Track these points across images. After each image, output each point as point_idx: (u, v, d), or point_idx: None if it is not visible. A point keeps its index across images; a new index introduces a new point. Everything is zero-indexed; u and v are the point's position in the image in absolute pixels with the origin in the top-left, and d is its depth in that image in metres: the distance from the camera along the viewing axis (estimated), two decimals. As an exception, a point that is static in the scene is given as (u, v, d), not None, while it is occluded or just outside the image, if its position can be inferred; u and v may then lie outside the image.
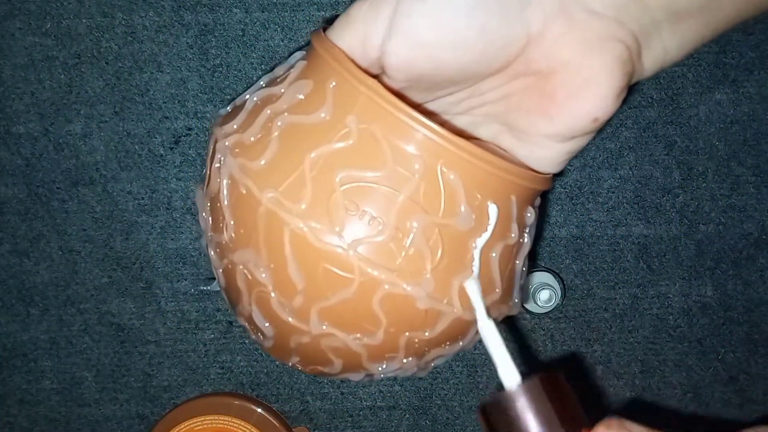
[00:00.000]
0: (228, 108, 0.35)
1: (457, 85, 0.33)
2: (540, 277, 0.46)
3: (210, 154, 0.34)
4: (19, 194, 0.47)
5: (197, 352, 0.49)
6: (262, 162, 0.31)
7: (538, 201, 0.36)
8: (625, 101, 0.44)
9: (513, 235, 0.32)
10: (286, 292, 0.31)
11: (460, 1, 0.30)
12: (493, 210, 0.31)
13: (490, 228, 0.31)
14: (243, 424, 0.47)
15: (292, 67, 0.33)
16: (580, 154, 0.47)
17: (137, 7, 0.46)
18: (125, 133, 0.47)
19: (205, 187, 0.34)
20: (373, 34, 0.31)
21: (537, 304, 0.45)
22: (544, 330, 0.49)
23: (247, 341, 0.49)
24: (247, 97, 0.33)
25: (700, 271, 0.49)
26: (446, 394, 0.50)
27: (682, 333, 0.49)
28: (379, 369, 0.33)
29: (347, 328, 0.31)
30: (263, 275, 0.31)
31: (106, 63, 0.46)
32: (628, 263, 0.49)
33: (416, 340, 0.32)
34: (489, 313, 0.31)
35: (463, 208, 0.30)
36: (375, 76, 0.31)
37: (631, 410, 0.41)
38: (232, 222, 0.32)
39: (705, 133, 0.48)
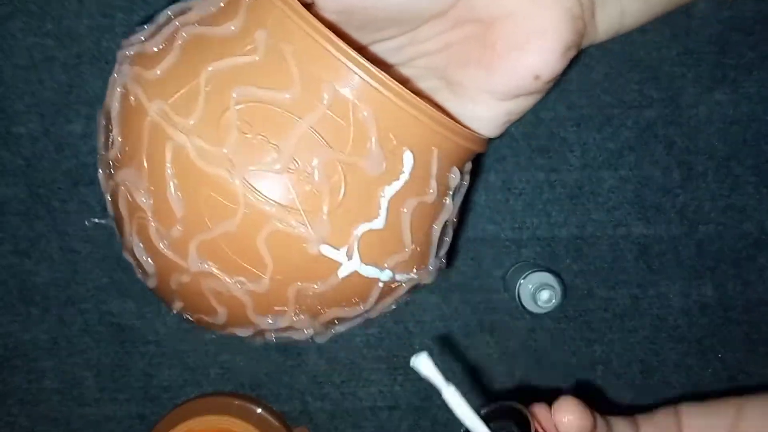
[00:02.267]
0: (145, 26, 0.32)
1: (395, 25, 0.31)
2: (540, 277, 0.46)
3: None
4: (20, 194, 0.47)
5: (197, 352, 0.49)
6: (158, 72, 0.28)
7: (468, 166, 0.33)
8: (624, 105, 0.44)
9: (431, 192, 0.29)
10: (165, 220, 0.28)
11: None
12: (408, 157, 0.28)
13: (403, 177, 0.28)
14: (243, 424, 0.47)
15: None
16: (580, 154, 0.47)
17: (137, 7, 0.46)
18: (125, 133, 0.47)
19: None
20: None
21: (537, 304, 0.45)
22: (544, 330, 0.49)
23: (247, 341, 0.49)
24: (163, 11, 0.31)
25: (700, 271, 0.49)
26: (446, 394, 0.50)
27: (682, 333, 0.49)
28: (268, 323, 0.30)
29: (229, 268, 0.28)
30: (143, 199, 0.28)
31: (106, 63, 0.46)
32: (628, 263, 0.49)
33: (308, 293, 0.29)
34: (395, 276, 0.29)
35: (373, 150, 0.27)
36: (307, 6, 0.29)
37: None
38: (119, 138, 0.29)
39: (705, 133, 0.48)
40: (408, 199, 0.29)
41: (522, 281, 0.46)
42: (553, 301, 0.45)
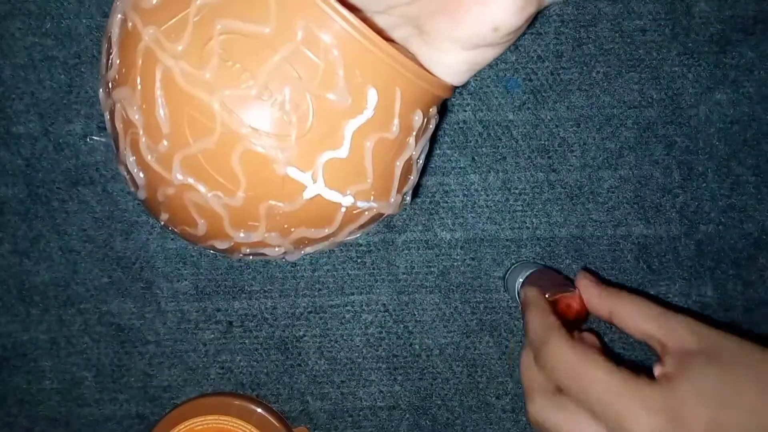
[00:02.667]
0: None
1: None
2: (540, 277, 0.46)
3: None
4: (20, 194, 0.47)
5: (197, 352, 0.49)
6: (154, 1, 0.31)
7: (433, 110, 0.36)
8: (624, 105, 0.44)
9: (394, 129, 0.32)
10: (153, 135, 0.31)
11: None
12: (372, 94, 0.31)
13: (367, 113, 0.31)
14: (243, 424, 0.47)
15: None
16: (580, 154, 0.47)
17: (137, 7, 0.46)
18: (125, 133, 0.47)
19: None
20: None
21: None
22: (544, 330, 0.49)
23: (247, 341, 0.49)
24: None
25: (700, 271, 0.49)
26: (446, 394, 0.50)
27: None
28: (241, 236, 0.33)
29: (208, 182, 0.31)
30: (136, 116, 0.31)
31: (106, 63, 0.46)
32: (628, 263, 0.49)
33: (277, 212, 0.32)
34: (356, 202, 0.32)
35: (340, 84, 0.30)
36: None
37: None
38: (117, 60, 0.32)
39: (705, 133, 0.48)
40: (371, 134, 0.32)
41: (521, 280, 0.46)
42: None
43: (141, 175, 0.33)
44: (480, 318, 0.49)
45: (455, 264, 0.48)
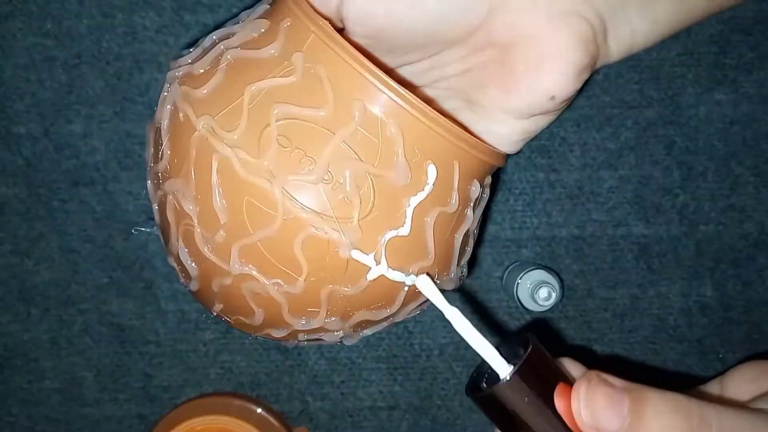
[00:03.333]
0: (191, 49, 0.35)
1: (419, 50, 0.33)
2: (538, 275, 0.46)
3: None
4: (20, 194, 0.47)
5: (197, 352, 0.49)
6: (204, 91, 0.31)
7: (488, 180, 0.35)
8: (624, 105, 0.44)
9: (453, 202, 0.32)
10: (209, 226, 0.30)
11: None
12: (431, 170, 0.30)
13: (427, 188, 0.31)
14: (243, 424, 0.47)
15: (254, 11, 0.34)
16: (580, 154, 0.47)
17: (137, 7, 0.46)
18: (125, 133, 0.47)
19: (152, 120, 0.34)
20: None
21: (536, 302, 0.45)
22: (544, 330, 0.49)
23: (247, 341, 0.49)
24: (208, 36, 0.34)
25: (700, 271, 0.49)
26: (446, 394, 0.50)
27: (682, 333, 0.49)
28: (301, 323, 0.32)
29: (268, 270, 0.30)
30: (190, 207, 0.30)
31: (107, 63, 0.46)
32: (628, 263, 0.49)
33: (339, 296, 0.31)
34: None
35: (399, 162, 0.30)
36: (339, 31, 0.31)
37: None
38: (168, 151, 0.31)
39: (705, 133, 0.48)
40: (431, 209, 0.31)
41: (519, 280, 0.46)
42: (552, 298, 0.45)
43: (194, 266, 0.32)
44: (480, 318, 0.49)
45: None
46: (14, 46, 0.46)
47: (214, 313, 0.35)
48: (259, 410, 0.48)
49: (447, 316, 0.31)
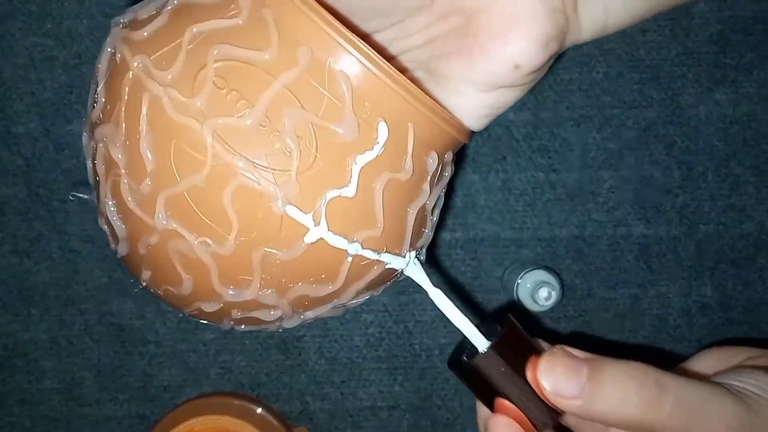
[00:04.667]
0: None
1: (382, 16, 0.32)
2: (538, 275, 0.46)
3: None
4: (20, 194, 0.47)
5: (197, 352, 0.49)
6: (145, 33, 0.29)
7: (449, 156, 0.32)
8: (624, 105, 0.44)
9: (406, 168, 0.29)
10: (136, 175, 0.28)
11: None
12: (382, 128, 0.28)
13: (377, 148, 0.28)
14: (243, 424, 0.47)
15: None
16: (580, 154, 0.47)
17: (137, 7, 0.46)
18: (125, 133, 0.47)
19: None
20: None
21: (536, 302, 0.45)
22: (544, 330, 0.49)
23: (247, 341, 0.49)
24: None
25: (700, 271, 0.49)
26: (446, 394, 0.50)
27: (682, 333, 0.49)
28: (232, 293, 0.29)
29: (195, 227, 0.28)
30: (119, 155, 0.28)
31: (107, 63, 0.46)
32: (628, 263, 0.49)
33: (273, 261, 0.28)
34: (364, 251, 0.29)
35: (347, 116, 0.28)
36: None
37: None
38: (102, 97, 0.30)
39: (705, 133, 0.48)
40: (381, 173, 0.29)
41: (520, 281, 0.46)
42: (552, 298, 0.45)
43: (121, 224, 0.30)
44: (480, 318, 0.49)
45: (455, 264, 0.48)
46: (14, 45, 0.46)
47: (144, 283, 0.32)
48: (259, 410, 0.48)
49: (430, 294, 0.31)
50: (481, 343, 0.31)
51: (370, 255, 0.29)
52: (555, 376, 0.30)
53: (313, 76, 0.28)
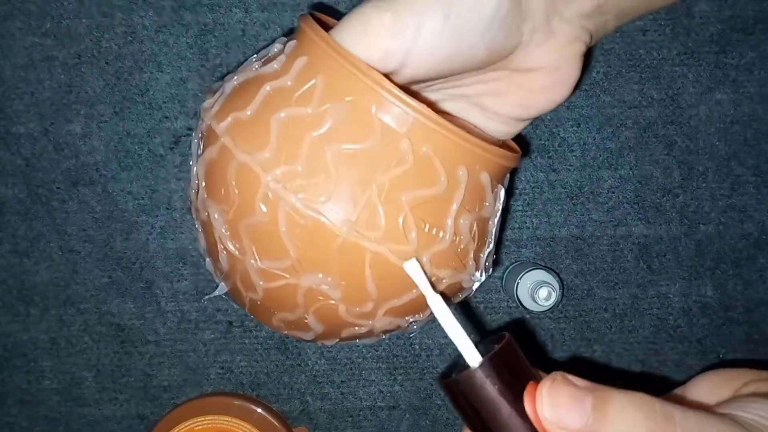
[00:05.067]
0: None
1: (446, 81, 0.37)
2: (537, 275, 0.46)
3: None
4: (19, 194, 0.47)
5: (197, 352, 0.49)
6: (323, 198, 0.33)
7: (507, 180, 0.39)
8: (624, 105, 0.44)
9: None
10: (354, 301, 0.34)
11: (477, 23, 0.33)
12: (502, 192, 0.36)
13: (500, 206, 0.36)
14: (243, 424, 0.47)
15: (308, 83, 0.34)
16: (580, 154, 0.48)
17: (137, 7, 0.46)
18: (125, 133, 0.47)
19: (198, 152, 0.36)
20: (397, 48, 0.32)
21: (536, 302, 0.45)
22: (544, 330, 0.49)
23: (247, 341, 0.49)
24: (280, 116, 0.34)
25: (700, 271, 0.49)
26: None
27: (682, 333, 0.49)
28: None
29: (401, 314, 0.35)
30: (325, 286, 0.33)
31: (106, 63, 0.46)
32: (628, 263, 0.49)
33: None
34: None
35: (487, 203, 0.35)
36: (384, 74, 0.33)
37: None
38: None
39: (705, 133, 0.48)
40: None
41: (519, 280, 0.46)
42: (552, 298, 0.45)
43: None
44: (480, 318, 0.49)
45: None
46: (14, 45, 0.46)
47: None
48: (259, 410, 0.48)
49: (428, 300, 0.32)
50: (475, 359, 0.30)
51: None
52: (558, 406, 0.29)
53: (473, 187, 0.34)
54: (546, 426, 0.29)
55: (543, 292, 0.45)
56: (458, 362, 0.31)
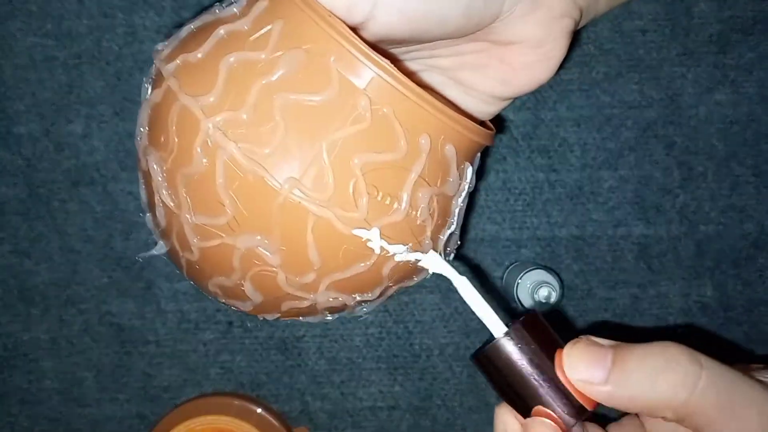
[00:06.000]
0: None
1: (423, 49, 0.35)
2: (537, 275, 0.46)
3: None
4: (20, 194, 0.47)
5: (197, 352, 0.49)
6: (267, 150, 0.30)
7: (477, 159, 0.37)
8: (624, 105, 0.44)
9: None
10: (296, 270, 0.32)
11: None
12: (469, 170, 0.33)
13: (466, 186, 0.34)
14: (243, 424, 0.47)
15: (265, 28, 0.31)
16: (580, 154, 0.48)
17: (137, 7, 0.46)
18: (125, 133, 0.47)
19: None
20: (363, 1, 0.30)
21: (536, 302, 0.45)
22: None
23: (247, 341, 0.49)
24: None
25: (700, 271, 0.49)
26: (446, 394, 0.50)
27: (682, 333, 0.49)
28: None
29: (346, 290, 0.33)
30: (268, 253, 0.31)
31: (107, 63, 0.46)
32: (628, 263, 0.49)
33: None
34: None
35: (451, 178, 0.32)
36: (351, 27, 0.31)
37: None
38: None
39: (705, 133, 0.48)
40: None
41: (519, 280, 0.46)
42: (552, 298, 0.45)
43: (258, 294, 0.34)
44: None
45: (455, 264, 0.48)
46: (14, 46, 0.46)
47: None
48: (259, 410, 0.48)
49: (455, 283, 0.32)
50: (501, 329, 0.31)
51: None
52: (580, 362, 0.30)
53: (432, 158, 0.31)
54: (574, 383, 0.30)
55: (543, 292, 0.45)
56: (487, 342, 0.32)
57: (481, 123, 0.39)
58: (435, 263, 0.32)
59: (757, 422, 0.28)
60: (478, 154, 0.36)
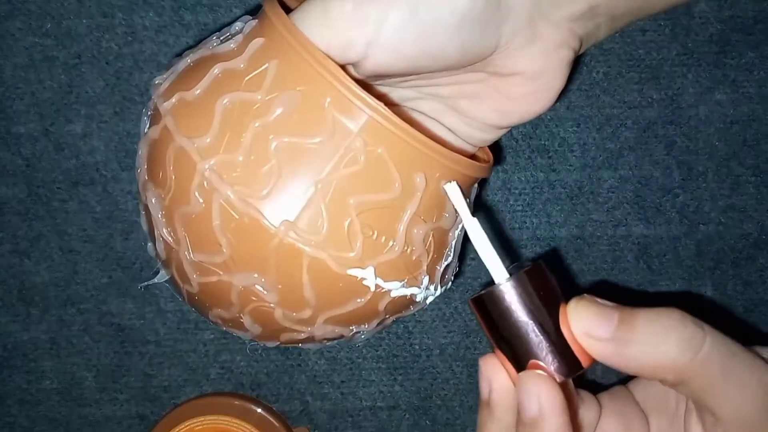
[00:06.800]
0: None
1: (420, 79, 0.35)
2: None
3: None
4: (20, 194, 0.47)
5: (197, 352, 0.49)
6: (264, 192, 0.30)
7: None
8: (624, 105, 0.44)
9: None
10: (292, 305, 0.33)
11: (447, 19, 0.30)
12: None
13: (458, 222, 0.34)
14: (243, 424, 0.47)
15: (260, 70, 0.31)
16: (580, 154, 0.48)
17: (137, 7, 0.46)
18: (125, 133, 0.47)
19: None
20: (358, 40, 0.30)
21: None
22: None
23: (247, 341, 0.49)
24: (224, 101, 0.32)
25: (700, 271, 0.49)
26: (446, 394, 0.50)
27: (682, 333, 0.49)
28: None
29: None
30: (265, 291, 0.31)
31: (107, 63, 0.46)
32: (628, 263, 0.49)
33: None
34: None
35: (447, 213, 0.32)
36: (341, 66, 0.31)
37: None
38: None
39: (705, 133, 0.48)
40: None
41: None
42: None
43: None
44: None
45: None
46: (14, 46, 0.46)
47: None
48: (259, 410, 0.48)
49: (465, 223, 0.31)
50: (504, 276, 0.31)
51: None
52: (586, 315, 0.30)
53: (430, 194, 0.31)
54: (577, 336, 0.29)
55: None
56: (488, 286, 0.32)
57: (479, 150, 0.39)
58: (454, 195, 0.32)
59: (756, 389, 0.29)
60: (476, 185, 0.36)
